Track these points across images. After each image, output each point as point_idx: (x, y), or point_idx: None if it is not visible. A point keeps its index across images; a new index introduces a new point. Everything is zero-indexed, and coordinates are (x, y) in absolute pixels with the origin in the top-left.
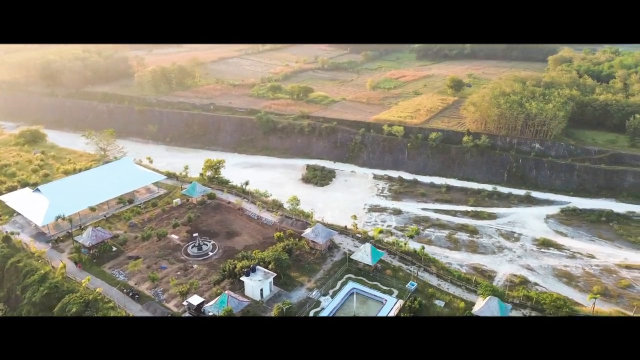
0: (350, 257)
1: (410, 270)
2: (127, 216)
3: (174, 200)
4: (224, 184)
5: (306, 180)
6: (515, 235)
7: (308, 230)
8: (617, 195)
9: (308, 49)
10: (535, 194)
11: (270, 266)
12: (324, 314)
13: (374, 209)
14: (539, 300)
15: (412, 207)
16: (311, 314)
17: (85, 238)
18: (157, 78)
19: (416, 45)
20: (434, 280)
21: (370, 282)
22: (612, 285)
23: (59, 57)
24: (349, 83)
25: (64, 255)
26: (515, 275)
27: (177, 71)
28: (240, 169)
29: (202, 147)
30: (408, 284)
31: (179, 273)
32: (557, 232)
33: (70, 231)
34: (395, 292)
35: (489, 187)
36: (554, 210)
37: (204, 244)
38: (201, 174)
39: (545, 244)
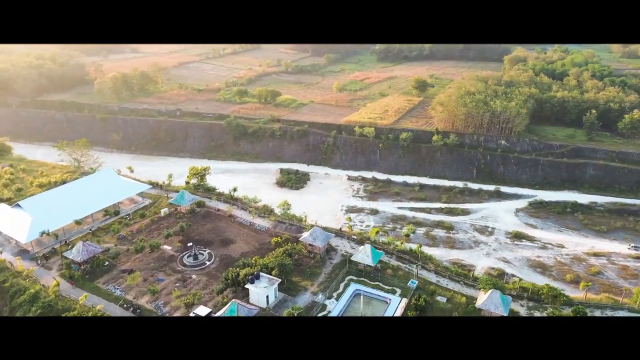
0: (351, 258)
1: (409, 269)
2: (116, 228)
3: (162, 210)
4: (210, 191)
5: (281, 184)
6: (489, 229)
7: (306, 234)
8: (580, 187)
9: (270, 52)
10: (504, 188)
11: (273, 272)
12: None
13: (351, 209)
14: (536, 291)
15: (389, 207)
16: None
17: (76, 253)
18: (119, 85)
19: (377, 47)
20: (432, 277)
21: (372, 283)
22: (583, 272)
23: (11, 66)
24: (315, 86)
25: (53, 273)
26: (493, 268)
27: (138, 77)
28: (211, 175)
29: (170, 155)
30: (409, 282)
31: (177, 284)
32: (528, 224)
33: (55, 247)
34: (398, 291)
35: (459, 184)
36: (522, 203)
37: (199, 253)
38: (187, 182)
39: (517, 236)
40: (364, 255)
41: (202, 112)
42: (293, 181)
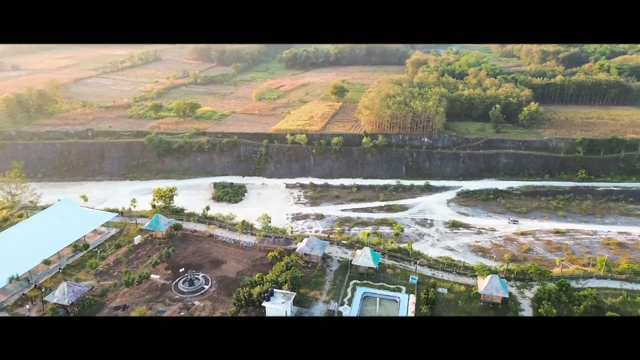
0: (352, 262)
1: (404, 266)
2: (93, 263)
3: (135, 238)
4: (178, 212)
5: (217, 198)
6: (429, 221)
7: (302, 244)
8: (496, 174)
9: (172, 63)
10: (432, 182)
11: (285, 286)
12: None
13: (297, 217)
14: (524, 272)
15: (332, 210)
16: None
17: (61, 296)
18: (13, 107)
19: (284, 55)
20: (427, 271)
21: (376, 284)
22: (517, 251)
23: None
24: (230, 96)
25: None
26: (441, 257)
27: (35, 97)
28: (137, 196)
29: (85, 179)
30: (410, 279)
31: (182, 313)
32: (460, 213)
33: (25, 292)
34: (403, 288)
35: (393, 182)
36: (451, 195)
37: (195, 278)
38: (153, 206)
39: (455, 225)
40: (364, 258)
41: (118, 131)
42: (230, 194)
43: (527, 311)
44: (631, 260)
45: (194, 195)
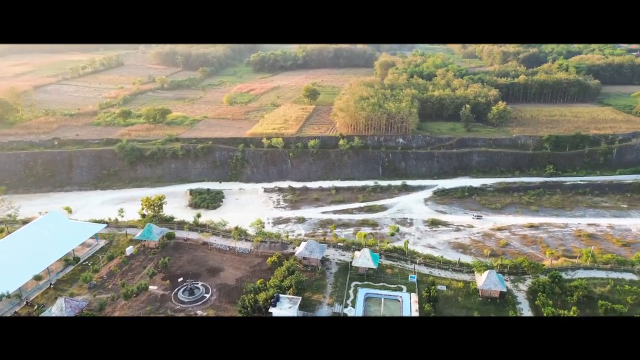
0: (352, 264)
1: (401, 265)
2: (87, 276)
3: (127, 249)
4: (168, 221)
5: (194, 205)
6: (409, 220)
7: (301, 248)
8: (469, 172)
9: (136, 68)
10: (409, 182)
11: (290, 291)
12: None
13: (277, 221)
14: (516, 266)
15: (313, 213)
16: None
17: (59, 313)
18: None
19: (252, 58)
20: (424, 270)
21: (377, 284)
22: (495, 246)
23: None
24: (199, 101)
25: None
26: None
27: None
28: (110, 206)
29: (52, 190)
30: (409, 278)
31: None
32: (438, 211)
33: (17, 310)
34: (404, 287)
35: (370, 183)
36: (427, 193)
37: (195, 287)
38: (143, 215)
39: (434, 223)
40: (364, 259)
41: (86, 139)
42: (207, 201)
43: (523, 304)
44: (602, 251)
45: (169, 203)
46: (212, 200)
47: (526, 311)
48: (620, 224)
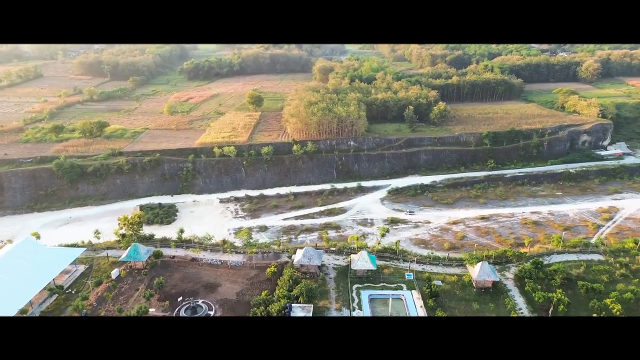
0: (351, 267)
1: (395, 265)
2: (79, 305)
3: (112, 272)
4: (148, 239)
5: (148, 222)
6: (369, 220)
7: (299, 256)
8: (419, 170)
9: (58, 80)
10: (364, 183)
11: (299, 300)
12: None
13: (239, 231)
14: (500, 255)
15: (274, 220)
16: None
17: None
18: None
19: (185, 66)
20: (417, 267)
21: (378, 285)
22: (454, 239)
23: None
24: (135, 112)
25: None
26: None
27: None
28: (52, 229)
29: None
30: (406, 276)
31: None
32: (395, 209)
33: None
34: (404, 286)
35: (327, 186)
36: (382, 193)
37: (197, 305)
38: (123, 235)
39: (393, 221)
40: (363, 261)
41: (17, 158)
42: (161, 216)
43: (513, 291)
44: (547, 236)
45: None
46: (166, 214)
47: (517, 297)
48: (558, 210)
